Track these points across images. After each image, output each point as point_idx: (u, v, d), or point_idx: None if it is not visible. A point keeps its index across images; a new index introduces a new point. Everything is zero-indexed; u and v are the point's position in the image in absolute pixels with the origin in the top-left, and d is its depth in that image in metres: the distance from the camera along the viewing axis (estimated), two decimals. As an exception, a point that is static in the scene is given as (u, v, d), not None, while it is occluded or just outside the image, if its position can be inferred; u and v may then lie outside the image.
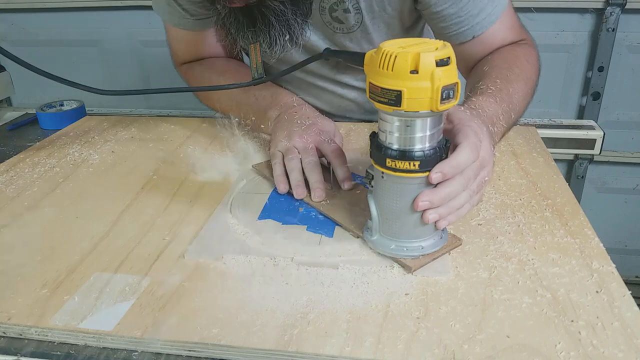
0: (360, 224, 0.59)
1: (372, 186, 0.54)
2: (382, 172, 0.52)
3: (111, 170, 0.78)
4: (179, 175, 0.75)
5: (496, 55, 0.75)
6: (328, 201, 0.65)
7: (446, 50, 0.47)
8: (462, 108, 0.59)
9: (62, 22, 1.80)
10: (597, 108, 1.61)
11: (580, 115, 1.65)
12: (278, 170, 0.69)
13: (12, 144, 0.92)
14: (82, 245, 0.59)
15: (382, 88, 0.47)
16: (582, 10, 1.52)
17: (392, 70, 0.46)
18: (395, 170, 0.50)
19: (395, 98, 0.47)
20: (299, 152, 0.69)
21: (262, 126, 0.83)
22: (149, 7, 1.72)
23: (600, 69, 1.55)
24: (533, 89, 0.74)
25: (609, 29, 1.50)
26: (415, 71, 0.46)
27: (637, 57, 1.56)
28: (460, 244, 0.57)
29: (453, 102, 0.48)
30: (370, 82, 0.49)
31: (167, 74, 1.82)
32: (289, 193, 0.67)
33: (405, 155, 0.50)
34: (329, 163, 0.69)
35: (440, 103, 0.47)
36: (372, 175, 0.54)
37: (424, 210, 0.52)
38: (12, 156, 0.84)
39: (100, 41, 1.81)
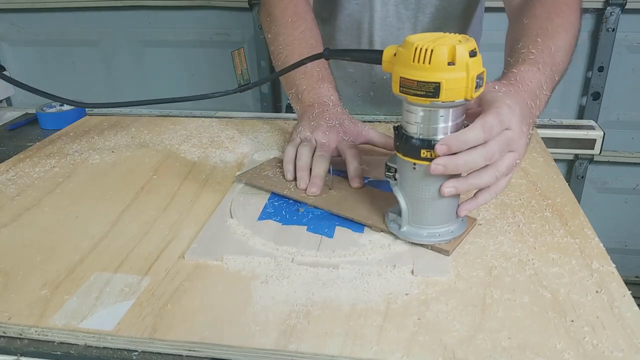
0: (378, 218, 0.60)
1: (395, 179, 0.56)
2: (414, 164, 0.53)
3: (111, 170, 0.78)
4: (179, 175, 0.75)
5: (538, 2, 0.73)
6: (338, 203, 0.64)
7: (472, 42, 0.50)
8: (497, 87, 0.57)
9: (62, 22, 1.80)
10: (597, 108, 1.61)
11: (580, 115, 1.66)
12: (289, 154, 0.70)
13: (12, 144, 0.92)
14: (82, 245, 0.59)
15: (418, 81, 0.49)
16: (582, 10, 1.52)
17: (429, 63, 0.48)
18: (429, 159, 0.52)
19: (433, 90, 0.49)
20: (315, 145, 0.70)
21: (294, 103, 0.83)
22: (149, 7, 1.73)
23: (600, 69, 1.55)
24: (576, 37, 0.71)
25: (609, 29, 1.50)
26: (452, 63, 0.48)
27: (637, 57, 1.56)
28: (476, 223, 0.60)
29: (481, 89, 0.51)
30: (402, 77, 0.50)
31: (167, 74, 1.82)
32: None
33: (427, 143, 0.52)
34: (335, 170, 0.69)
35: (475, 91, 0.49)
36: (395, 169, 0.55)
37: (442, 185, 0.53)
38: (12, 156, 0.84)
39: (100, 41, 1.81)
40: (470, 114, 0.55)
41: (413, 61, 0.49)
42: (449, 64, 0.48)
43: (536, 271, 0.52)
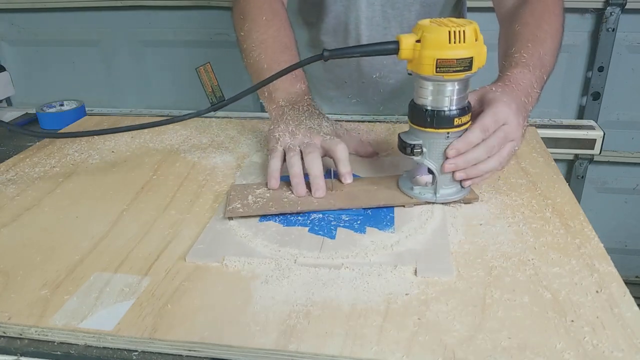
0: (403, 197, 0.65)
1: (422, 153, 0.62)
2: (448, 133, 0.60)
3: (111, 170, 0.78)
4: (179, 175, 0.75)
5: (527, 10, 0.80)
6: (353, 199, 0.65)
7: (474, 22, 0.59)
8: (494, 88, 0.66)
9: (62, 22, 1.80)
10: (597, 108, 1.61)
11: (580, 115, 1.66)
12: (274, 165, 0.68)
13: (12, 144, 0.92)
14: (82, 245, 0.59)
15: (457, 59, 0.57)
16: (582, 10, 1.52)
17: (464, 42, 0.56)
18: (461, 125, 0.61)
19: (468, 64, 0.57)
20: (300, 150, 0.69)
21: (265, 102, 0.81)
22: (149, 7, 1.73)
23: (600, 69, 1.56)
24: (560, 41, 0.79)
25: (609, 29, 1.50)
26: (476, 39, 0.57)
27: (637, 57, 1.56)
28: None
29: None
30: (439, 59, 0.57)
31: (167, 74, 1.83)
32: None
33: (466, 109, 0.61)
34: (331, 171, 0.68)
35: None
36: (420, 145, 0.62)
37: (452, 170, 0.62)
38: (12, 156, 0.84)
39: (100, 41, 1.81)
40: (473, 114, 0.63)
41: (450, 42, 0.56)
42: (476, 40, 0.57)
43: (536, 271, 0.52)
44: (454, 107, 0.60)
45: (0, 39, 1.86)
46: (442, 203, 0.64)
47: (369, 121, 0.96)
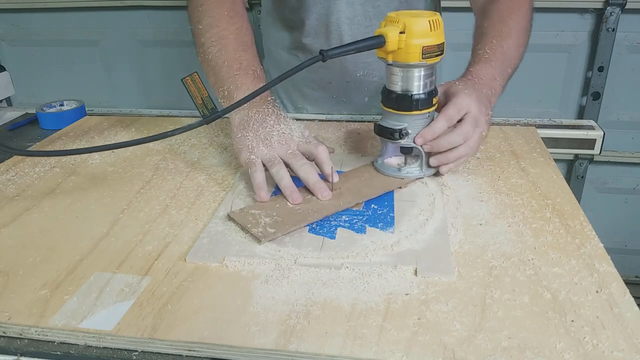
0: (395, 180, 0.69)
1: (408, 135, 0.68)
2: (428, 112, 0.68)
3: (111, 170, 0.78)
4: (179, 175, 0.75)
5: (495, 8, 0.85)
6: (356, 194, 0.66)
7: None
8: (457, 82, 0.72)
9: (62, 22, 1.80)
10: (597, 108, 1.61)
11: (580, 115, 1.66)
12: (259, 178, 0.66)
13: (12, 144, 0.92)
14: (82, 245, 0.59)
15: (437, 45, 0.64)
16: (582, 10, 1.52)
17: (439, 29, 0.64)
18: (436, 104, 0.68)
19: (443, 48, 0.65)
20: (282, 160, 0.68)
21: (226, 103, 0.76)
22: (149, 7, 1.73)
23: (600, 69, 1.55)
24: (527, 36, 0.84)
25: (609, 29, 1.50)
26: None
27: (637, 57, 1.56)
28: None
29: None
30: (425, 46, 0.63)
31: (167, 74, 1.82)
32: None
33: (437, 89, 0.69)
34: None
35: None
36: (406, 128, 0.67)
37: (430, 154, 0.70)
38: (12, 156, 0.84)
39: (100, 41, 1.81)
40: (439, 106, 0.69)
41: (431, 30, 0.63)
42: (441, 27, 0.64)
43: (536, 271, 0.52)
44: (431, 89, 0.67)
45: (0, 39, 1.86)
46: (429, 176, 0.71)
47: (355, 121, 0.96)
